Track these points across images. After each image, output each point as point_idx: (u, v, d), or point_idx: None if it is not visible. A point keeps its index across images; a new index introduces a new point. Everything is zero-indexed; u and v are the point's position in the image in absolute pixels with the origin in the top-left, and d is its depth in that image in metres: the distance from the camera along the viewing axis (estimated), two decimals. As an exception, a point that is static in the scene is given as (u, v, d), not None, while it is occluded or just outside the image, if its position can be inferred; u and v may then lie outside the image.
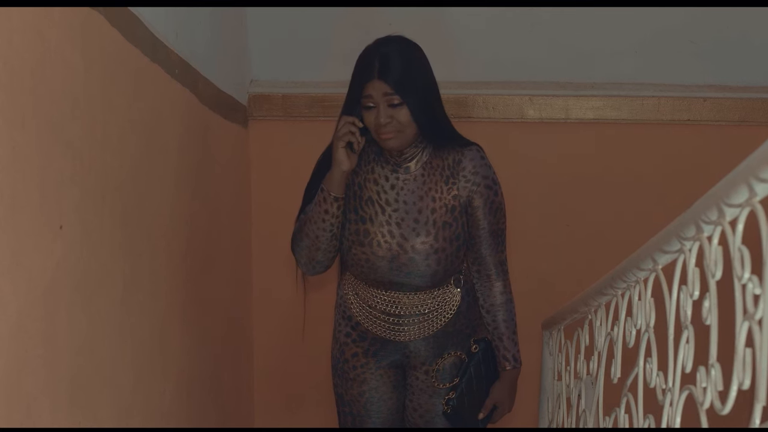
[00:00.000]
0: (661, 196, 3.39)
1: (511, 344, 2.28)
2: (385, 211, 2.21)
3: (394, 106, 2.09)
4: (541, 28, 3.40)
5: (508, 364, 2.28)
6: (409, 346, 2.31)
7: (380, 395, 2.36)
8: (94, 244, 1.62)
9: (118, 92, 1.78)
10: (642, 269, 1.49)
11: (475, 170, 2.21)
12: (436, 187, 2.20)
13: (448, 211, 2.20)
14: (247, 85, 3.42)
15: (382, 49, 2.12)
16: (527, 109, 3.44)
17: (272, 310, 3.53)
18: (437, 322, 2.28)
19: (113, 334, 1.73)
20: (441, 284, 2.26)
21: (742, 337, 1.06)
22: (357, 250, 2.22)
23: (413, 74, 2.11)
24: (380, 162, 2.23)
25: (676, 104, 3.41)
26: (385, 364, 2.34)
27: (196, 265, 2.47)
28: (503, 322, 2.28)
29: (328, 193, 2.14)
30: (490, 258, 2.26)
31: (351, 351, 2.35)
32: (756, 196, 1.05)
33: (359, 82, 2.12)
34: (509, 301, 2.29)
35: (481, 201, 2.21)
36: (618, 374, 1.65)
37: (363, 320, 2.31)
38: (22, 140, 1.31)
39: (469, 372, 2.29)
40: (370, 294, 2.28)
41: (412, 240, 2.19)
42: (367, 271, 2.24)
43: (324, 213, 2.16)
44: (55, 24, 1.43)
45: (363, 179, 2.23)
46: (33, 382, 1.36)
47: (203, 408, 2.57)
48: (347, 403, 2.39)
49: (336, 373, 2.41)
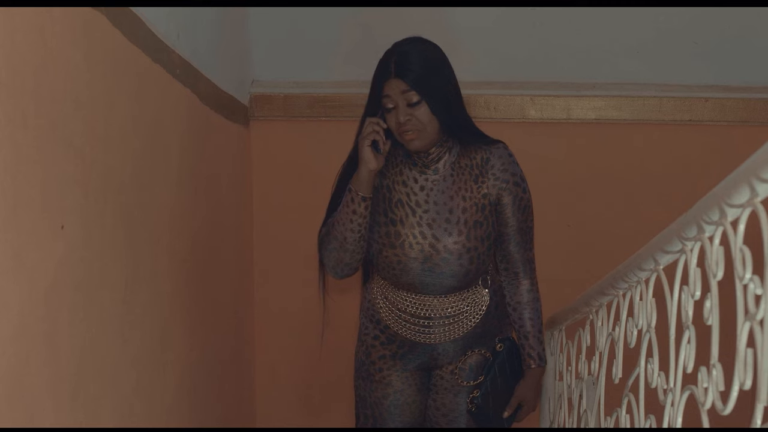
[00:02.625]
0: (663, 196, 3.39)
1: (536, 343, 2.28)
2: (416, 212, 2.21)
3: (413, 105, 2.09)
4: (542, 28, 3.40)
5: (533, 363, 2.28)
6: (438, 348, 2.31)
7: (405, 398, 2.36)
8: (96, 244, 1.62)
9: (120, 92, 1.78)
10: (643, 269, 1.49)
11: (504, 168, 2.21)
12: (466, 186, 2.21)
13: (479, 210, 2.20)
14: (249, 85, 3.42)
15: (398, 49, 2.13)
16: (529, 109, 3.44)
17: (274, 310, 3.53)
18: (467, 323, 2.29)
19: (115, 333, 1.73)
20: (471, 285, 2.27)
21: (743, 338, 1.06)
22: (388, 252, 2.22)
23: (430, 71, 2.11)
24: (408, 164, 2.23)
25: (677, 104, 3.41)
26: (411, 366, 2.35)
27: (198, 265, 2.48)
28: (529, 320, 2.28)
29: (356, 193, 2.14)
30: (518, 256, 2.26)
31: (378, 353, 2.36)
32: (757, 196, 1.05)
33: (378, 82, 2.13)
34: (536, 300, 2.29)
35: (510, 198, 2.22)
36: (619, 374, 1.65)
37: (392, 323, 2.31)
38: (24, 140, 1.31)
39: (494, 370, 2.29)
40: (399, 297, 2.28)
41: (445, 240, 2.19)
42: (398, 273, 2.24)
43: (352, 213, 2.15)
44: (57, 24, 1.44)
45: (392, 182, 2.23)
46: (35, 382, 1.36)
47: (205, 408, 2.57)
48: (370, 406, 2.39)
49: (359, 375, 2.40)
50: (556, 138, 3.45)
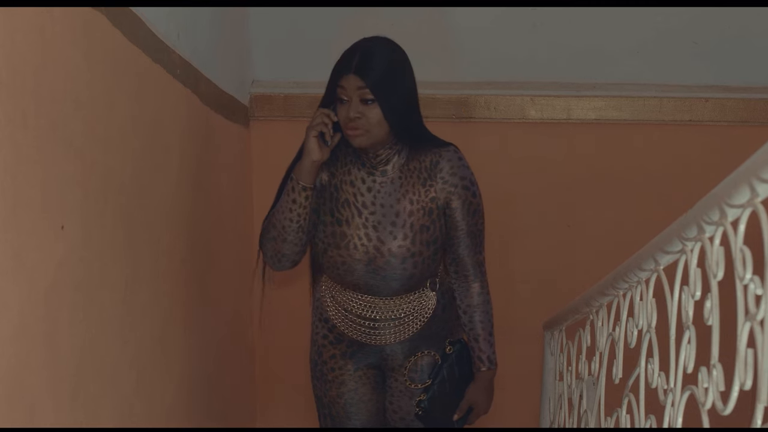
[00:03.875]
0: (663, 196, 3.39)
1: (486, 345, 2.27)
2: (362, 213, 2.20)
3: (366, 103, 2.09)
4: (542, 28, 3.40)
5: (483, 365, 2.28)
6: (386, 349, 2.31)
7: (359, 397, 2.36)
8: (96, 245, 1.62)
9: (120, 92, 1.78)
10: (643, 269, 1.49)
11: (452, 171, 2.19)
12: (414, 189, 2.19)
13: (426, 214, 2.19)
14: (249, 85, 3.42)
15: (363, 46, 2.12)
16: (529, 109, 3.44)
17: (274, 310, 3.52)
18: (413, 326, 2.29)
19: (115, 334, 1.73)
20: (417, 288, 2.26)
21: (743, 338, 1.06)
22: (333, 253, 2.22)
23: (389, 74, 2.10)
24: (357, 164, 2.22)
25: (677, 105, 3.41)
26: (362, 365, 2.35)
27: (198, 266, 2.48)
28: (480, 323, 2.27)
29: (297, 182, 2.14)
30: (468, 259, 2.25)
31: (329, 353, 2.36)
32: (758, 196, 1.05)
33: (337, 75, 2.12)
34: (486, 302, 2.29)
35: (459, 202, 2.20)
36: (620, 374, 1.65)
37: (339, 323, 2.31)
38: (24, 140, 1.31)
39: (442, 373, 2.28)
40: (346, 297, 2.28)
41: (389, 243, 2.18)
42: (343, 274, 2.24)
43: (292, 203, 2.15)
44: (57, 24, 1.44)
45: (339, 181, 2.23)
46: (35, 382, 1.36)
47: (205, 408, 2.57)
48: (326, 405, 2.40)
49: (314, 375, 2.42)
50: (556, 138, 3.45)
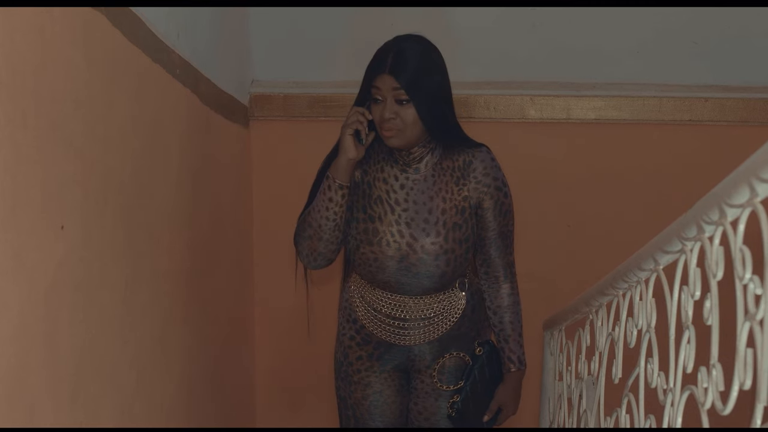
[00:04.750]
0: (662, 196, 3.39)
1: (516, 346, 2.28)
2: (395, 210, 2.21)
3: (401, 104, 2.09)
4: (542, 28, 3.40)
5: (513, 366, 2.28)
6: (414, 350, 2.31)
7: (384, 399, 2.35)
8: (96, 244, 1.62)
9: (120, 92, 1.78)
10: (643, 269, 1.49)
11: (485, 172, 2.21)
12: (447, 188, 2.20)
13: (458, 213, 2.20)
14: (249, 85, 3.42)
15: (398, 46, 2.12)
16: (528, 109, 3.44)
17: (274, 310, 3.53)
18: (442, 326, 2.28)
19: (115, 334, 1.73)
20: (447, 287, 2.26)
21: (743, 338, 1.06)
22: (365, 249, 2.22)
23: (424, 74, 2.10)
24: (390, 162, 2.22)
25: (677, 104, 3.41)
26: (389, 367, 2.34)
27: (198, 265, 2.48)
28: (509, 323, 2.28)
29: (333, 180, 2.14)
30: (499, 260, 2.26)
31: (355, 354, 2.35)
32: (757, 196, 1.05)
33: (371, 74, 2.12)
34: (516, 303, 2.29)
35: (491, 203, 2.22)
36: (619, 374, 1.65)
37: (368, 323, 2.31)
38: (24, 140, 1.31)
39: (474, 375, 2.28)
40: (375, 297, 2.28)
41: (422, 240, 2.19)
42: (374, 271, 2.24)
43: (328, 201, 2.15)
44: (57, 24, 1.44)
45: (372, 178, 2.23)
46: (35, 382, 1.36)
47: (205, 408, 2.57)
48: (351, 407, 2.39)
49: (339, 375, 2.40)
50: (556, 138, 3.45)
